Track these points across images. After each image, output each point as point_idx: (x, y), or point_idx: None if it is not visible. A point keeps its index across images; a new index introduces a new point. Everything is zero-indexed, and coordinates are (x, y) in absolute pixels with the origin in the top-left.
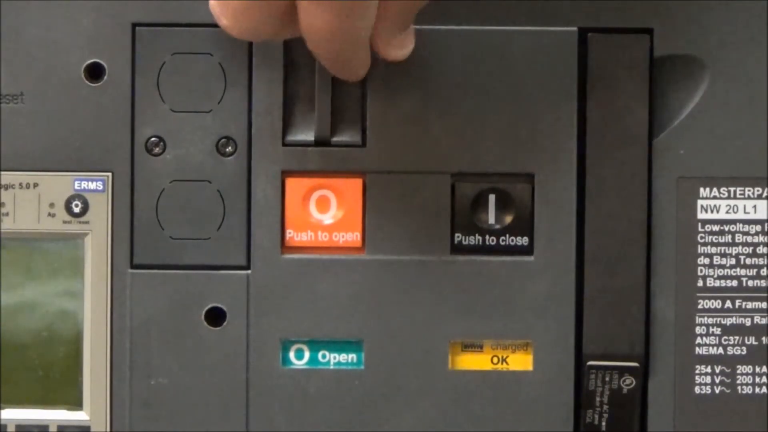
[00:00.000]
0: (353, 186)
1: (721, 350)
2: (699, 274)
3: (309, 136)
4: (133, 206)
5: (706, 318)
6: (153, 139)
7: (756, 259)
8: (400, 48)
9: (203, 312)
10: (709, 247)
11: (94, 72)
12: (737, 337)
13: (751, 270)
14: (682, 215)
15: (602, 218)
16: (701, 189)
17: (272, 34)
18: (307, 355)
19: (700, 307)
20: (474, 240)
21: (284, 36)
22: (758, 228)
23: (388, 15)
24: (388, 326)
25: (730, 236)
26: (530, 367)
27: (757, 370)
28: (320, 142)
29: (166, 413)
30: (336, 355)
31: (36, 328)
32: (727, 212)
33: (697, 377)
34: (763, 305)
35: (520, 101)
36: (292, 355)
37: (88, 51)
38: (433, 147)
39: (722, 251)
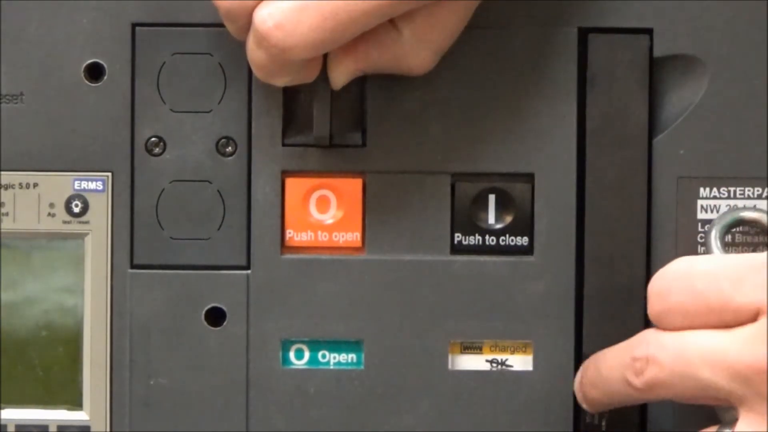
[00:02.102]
0: (353, 186)
1: None
2: None
3: (309, 136)
4: (133, 206)
5: None
6: (153, 139)
7: None
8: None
9: (203, 312)
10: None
11: (94, 72)
12: None
13: None
14: (682, 215)
15: (602, 218)
16: (701, 189)
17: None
18: (307, 355)
19: None
20: (474, 240)
21: None
22: (758, 228)
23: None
24: (388, 326)
25: (730, 236)
26: (530, 367)
27: None
28: (320, 142)
29: (166, 413)
30: (336, 355)
31: (36, 328)
32: None
33: None
34: None
35: (520, 102)
36: (292, 355)
37: (88, 51)
38: (433, 147)
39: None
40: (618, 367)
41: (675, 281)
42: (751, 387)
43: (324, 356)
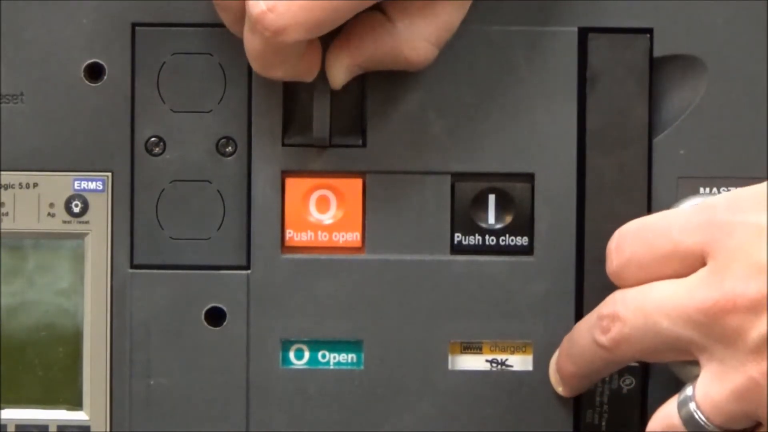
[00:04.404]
0: (353, 186)
1: None
2: None
3: (309, 136)
4: (133, 206)
5: None
6: (153, 139)
7: None
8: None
9: (203, 312)
10: None
11: (94, 72)
12: None
13: None
14: None
15: (602, 218)
16: (701, 189)
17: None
18: (307, 355)
19: None
20: (474, 240)
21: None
22: None
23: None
24: (388, 326)
25: None
26: (530, 367)
27: None
28: (320, 142)
29: (166, 413)
30: (336, 355)
31: (36, 328)
32: None
33: None
34: None
35: (520, 101)
36: (292, 355)
37: (88, 51)
38: (433, 147)
39: None
40: (588, 330)
41: (630, 236)
42: (707, 332)
43: (324, 356)
